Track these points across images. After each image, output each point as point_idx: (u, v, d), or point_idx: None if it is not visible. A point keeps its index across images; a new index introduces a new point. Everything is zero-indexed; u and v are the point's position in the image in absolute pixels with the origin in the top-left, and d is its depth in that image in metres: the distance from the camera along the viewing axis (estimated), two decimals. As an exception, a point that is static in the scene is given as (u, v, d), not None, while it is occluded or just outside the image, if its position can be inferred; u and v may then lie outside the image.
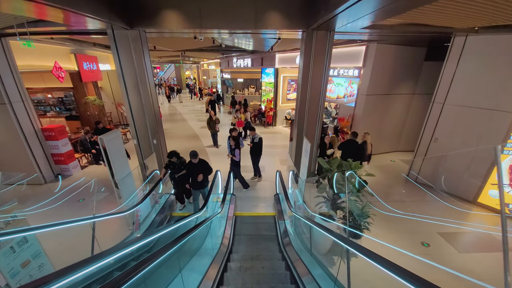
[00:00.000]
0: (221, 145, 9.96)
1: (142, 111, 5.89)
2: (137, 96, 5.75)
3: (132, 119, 5.90)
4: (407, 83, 8.65)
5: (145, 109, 5.88)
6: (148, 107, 5.89)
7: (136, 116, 5.90)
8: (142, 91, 5.71)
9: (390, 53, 7.79)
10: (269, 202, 5.91)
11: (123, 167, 4.46)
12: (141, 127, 6.03)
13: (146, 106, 5.87)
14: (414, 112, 9.18)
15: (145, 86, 5.71)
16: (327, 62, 5.63)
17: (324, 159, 4.26)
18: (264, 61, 13.95)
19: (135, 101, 5.78)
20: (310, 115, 6.07)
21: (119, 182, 4.22)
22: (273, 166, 8.13)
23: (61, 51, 8.30)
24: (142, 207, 4.33)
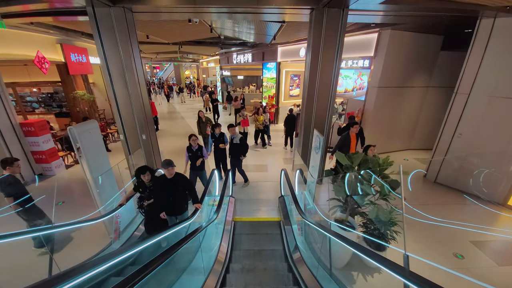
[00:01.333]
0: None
1: (129, 102, 5.19)
2: (123, 86, 5.05)
3: (118, 111, 5.21)
4: (421, 75, 7.95)
5: (132, 100, 5.19)
6: (136, 98, 5.20)
7: (122, 108, 5.20)
8: (128, 80, 5.02)
9: (404, 41, 7.10)
10: (273, 205, 5.21)
11: (101, 164, 3.77)
12: (128, 121, 5.33)
13: (134, 97, 5.18)
14: (428, 107, 8.48)
15: (132, 75, 5.02)
16: (339, 46, 4.95)
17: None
18: (265, 55, 13.28)
19: (121, 91, 5.08)
20: (319, 107, 5.38)
21: (96, 182, 3.52)
22: (276, 165, 7.43)
23: (45, 40, 7.63)
24: (123, 213, 3.63)
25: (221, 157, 5.88)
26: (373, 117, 7.81)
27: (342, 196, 3.29)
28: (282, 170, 4.95)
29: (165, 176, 3.40)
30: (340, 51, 5.05)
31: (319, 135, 3.81)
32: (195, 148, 4.97)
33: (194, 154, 5.00)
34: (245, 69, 19.82)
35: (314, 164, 3.99)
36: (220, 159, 5.91)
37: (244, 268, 3.20)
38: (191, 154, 5.00)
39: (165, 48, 14.26)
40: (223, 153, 5.80)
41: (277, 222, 4.61)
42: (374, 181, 2.58)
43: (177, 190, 3.47)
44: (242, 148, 5.63)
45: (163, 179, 3.44)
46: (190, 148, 5.01)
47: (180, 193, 3.54)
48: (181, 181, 3.49)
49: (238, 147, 5.58)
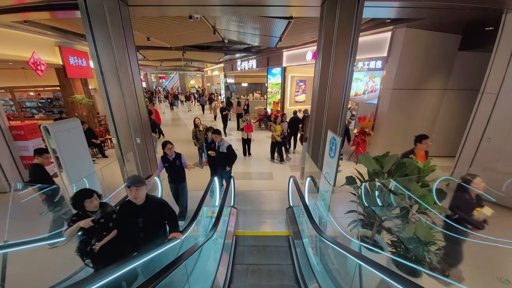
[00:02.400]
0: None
1: (123, 103, 4.76)
2: (116, 85, 4.63)
3: (110, 112, 4.77)
4: (438, 77, 7.42)
5: (126, 101, 4.76)
6: (130, 99, 4.77)
7: (115, 109, 4.77)
8: (122, 79, 4.61)
9: (420, 39, 6.62)
10: (280, 217, 4.62)
11: (83, 170, 3.27)
12: (122, 123, 4.88)
13: (128, 97, 4.75)
14: (446, 111, 7.90)
15: (126, 73, 4.61)
16: (354, 42, 4.49)
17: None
18: (270, 61, 12.97)
19: (114, 91, 4.66)
20: (331, 109, 4.90)
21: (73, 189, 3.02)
22: (282, 172, 6.86)
23: (43, 42, 7.37)
24: None
25: (213, 165, 5.32)
26: (387, 121, 7.25)
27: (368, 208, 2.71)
28: (291, 178, 4.38)
29: (130, 203, 2.37)
30: (354, 48, 4.59)
31: (335, 136, 3.27)
32: (171, 157, 4.23)
33: (172, 164, 4.26)
34: (249, 76, 19.61)
35: (329, 170, 3.43)
36: (212, 166, 5.37)
37: None
38: (168, 164, 4.26)
39: (168, 55, 14.08)
40: (215, 163, 5.20)
41: (285, 237, 4.01)
42: (414, 191, 2.02)
43: (150, 222, 2.42)
44: (229, 158, 4.93)
45: (127, 207, 2.43)
46: (165, 157, 4.25)
47: (154, 226, 2.48)
48: (154, 210, 2.43)
49: (224, 157, 4.89)
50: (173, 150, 4.31)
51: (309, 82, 12.75)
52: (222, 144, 4.86)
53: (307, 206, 3.11)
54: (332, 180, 3.25)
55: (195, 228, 3.68)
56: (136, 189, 2.28)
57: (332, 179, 3.30)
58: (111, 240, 2.37)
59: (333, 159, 3.40)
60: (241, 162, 7.80)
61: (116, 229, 2.43)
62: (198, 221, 3.45)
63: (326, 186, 3.53)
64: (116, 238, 2.41)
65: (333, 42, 4.60)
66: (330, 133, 3.54)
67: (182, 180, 4.47)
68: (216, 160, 5.01)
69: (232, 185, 4.77)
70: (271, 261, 3.43)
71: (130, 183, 2.28)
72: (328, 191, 3.49)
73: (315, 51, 9.51)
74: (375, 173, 2.25)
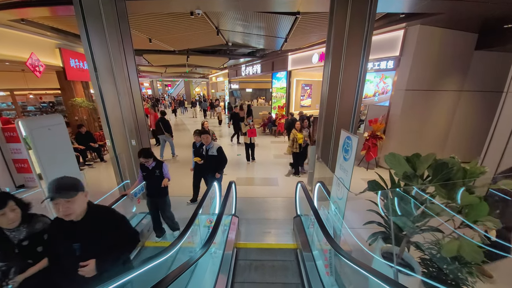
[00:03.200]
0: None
1: (118, 102, 4.46)
2: (110, 83, 4.35)
3: (104, 112, 4.47)
4: (453, 77, 6.98)
5: (121, 100, 4.45)
6: (125, 98, 4.46)
7: (109, 108, 4.47)
8: (117, 77, 4.32)
9: (434, 37, 6.24)
10: (286, 227, 4.16)
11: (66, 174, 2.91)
12: (116, 123, 4.57)
13: (123, 96, 4.44)
14: (461, 114, 7.41)
15: (121, 71, 4.32)
16: (367, 38, 4.16)
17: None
18: (275, 65, 12.72)
19: (109, 89, 4.38)
20: (342, 112, 4.52)
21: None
22: (288, 178, 6.42)
23: (43, 43, 7.22)
24: None
25: (200, 173, 4.82)
26: (400, 124, 6.79)
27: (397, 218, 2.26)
28: (298, 183, 3.95)
29: (60, 220, 1.57)
30: (368, 44, 4.28)
31: (350, 136, 2.87)
32: (151, 166, 3.52)
33: (150, 173, 3.52)
34: (253, 81, 19.44)
35: (343, 175, 3.00)
36: (198, 175, 4.87)
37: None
38: (146, 173, 3.56)
39: (172, 60, 13.98)
40: (203, 169, 4.67)
41: (292, 250, 3.55)
42: (462, 198, 1.59)
43: (92, 247, 1.57)
44: (219, 161, 4.40)
45: (58, 225, 1.61)
46: (143, 165, 3.54)
47: (98, 251, 1.58)
48: (99, 227, 1.60)
49: (215, 161, 4.38)
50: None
51: (314, 86, 12.42)
52: (212, 147, 4.38)
53: (319, 215, 2.68)
54: (347, 185, 2.82)
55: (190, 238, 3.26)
56: (65, 201, 1.44)
57: (348, 183, 2.87)
58: (40, 273, 1.65)
59: (348, 162, 2.98)
60: (244, 167, 7.40)
61: (48, 256, 1.68)
62: (194, 231, 3.04)
63: (339, 192, 3.09)
64: (48, 269, 1.66)
65: (345, 39, 4.27)
66: (345, 132, 3.13)
67: (163, 193, 3.65)
68: (205, 166, 4.49)
69: (234, 191, 4.35)
70: (276, 279, 2.98)
71: (52, 192, 1.42)
72: (342, 198, 3.05)
73: (322, 52, 9.28)
74: (406, 177, 1.82)
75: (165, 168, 3.60)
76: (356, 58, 4.32)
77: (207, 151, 4.42)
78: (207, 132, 4.38)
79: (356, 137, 2.76)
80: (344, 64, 4.39)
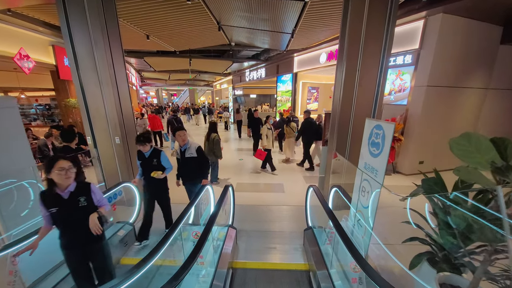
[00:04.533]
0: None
1: (100, 93, 3.89)
2: (91, 70, 3.79)
3: (84, 103, 3.90)
4: (478, 74, 6.28)
5: (104, 91, 3.88)
6: (108, 89, 3.89)
7: (90, 99, 3.90)
8: (99, 63, 3.76)
9: (458, 28, 5.61)
10: (294, 242, 3.41)
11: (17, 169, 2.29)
12: (98, 117, 3.98)
13: (106, 87, 3.87)
14: (488, 113, 6.68)
15: (104, 57, 3.76)
16: (389, 29, 3.57)
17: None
18: (280, 68, 12.23)
19: (89, 77, 3.82)
20: (359, 114, 3.87)
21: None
22: (295, 184, 5.70)
23: (35, 39, 6.84)
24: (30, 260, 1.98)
25: (156, 195, 3.38)
26: (420, 124, 6.05)
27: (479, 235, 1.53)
28: (310, 188, 3.22)
29: None
30: (390, 36, 3.67)
31: (381, 124, 2.20)
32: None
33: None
34: (257, 87, 19.03)
35: (372, 175, 2.30)
36: (151, 199, 3.35)
37: None
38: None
39: (175, 64, 13.66)
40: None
41: (303, 272, 2.80)
42: None
43: None
44: (201, 165, 3.47)
45: None
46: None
47: None
48: None
49: (195, 163, 3.43)
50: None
51: (322, 89, 11.82)
52: (189, 147, 3.42)
53: (343, 229, 1.97)
54: (378, 189, 2.12)
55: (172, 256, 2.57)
56: None
57: (379, 185, 2.16)
58: None
59: (378, 158, 2.29)
60: (247, 172, 6.70)
61: None
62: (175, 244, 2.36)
63: (364, 199, 2.38)
64: None
65: (363, 26, 3.65)
66: (371, 121, 2.46)
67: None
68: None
69: (231, 197, 3.65)
70: None
71: None
72: (369, 207, 2.34)
73: (330, 51, 8.71)
74: (497, 170, 1.12)
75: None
76: (376, 47, 3.70)
77: (183, 153, 3.43)
78: (183, 128, 3.49)
79: (390, 124, 2.08)
80: (362, 57, 3.76)
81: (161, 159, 3.13)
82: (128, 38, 7.67)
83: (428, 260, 1.94)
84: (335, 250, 2.46)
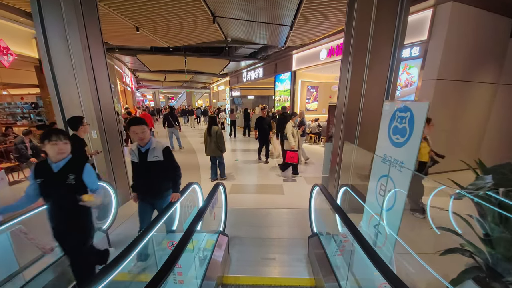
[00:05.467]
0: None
1: (73, 77, 3.41)
2: (63, 53, 3.32)
3: (54, 88, 3.41)
4: (488, 68, 5.92)
5: (78, 76, 3.40)
6: (82, 74, 3.41)
7: (62, 85, 3.42)
8: (71, 43, 3.29)
9: (469, 18, 5.26)
10: (297, 252, 2.90)
11: None
12: (71, 106, 3.50)
13: (79, 71, 3.40)
14: (499, 111, 6.27)
15: (76, 35, 3.29)
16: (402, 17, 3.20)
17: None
18: (278, 67, 11.86)
19: (61, 59, 3.35)
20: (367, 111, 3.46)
21: None
22: (295, 185, 5.22)
23: (17, 31, 6.36)
24: None
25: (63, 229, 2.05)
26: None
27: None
28: (316, 187, 2.72)
29: None
30: (404, 24, 3.31)
31: (408, 105, 1.77)
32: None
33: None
34: (255, 88, 18.68)
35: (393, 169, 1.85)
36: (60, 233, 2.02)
37: None
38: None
39: (170, 62, 13.23)
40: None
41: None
42: None
43: None
44: (167, 171, 2.50)
45: None
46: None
47: None
48: None
49: (161, 170, 2.44)
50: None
51: (321, 88, 11.44)
52: (153, 148, 2.39)
53: (363, 237, 1.49)
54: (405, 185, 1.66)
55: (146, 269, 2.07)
56: None
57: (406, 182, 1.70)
58: None
59: (404, 147, 1.83)
60: (244, 172, 6.21)
61: None
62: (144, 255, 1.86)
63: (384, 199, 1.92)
64: None
65: (373, 12, 3.26)
66: (391, 103, 2.02)
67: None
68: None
69: (223, 198, 3.15)
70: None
71: None
72: (392, 209, 1.87)
73: (331, 47, 8.32)
74: None
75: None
76: (387, 41, 3.34)
77: (143, 156, 2.37)
78: (142, 122, 2.32)
79: (422, 103, 1.64)
80: (371, 48, 3.36)
81: (83, 176, 1.90)
82: (116, 31, 7.23)
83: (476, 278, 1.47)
84: (348, 261, 1.98)
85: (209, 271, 2.15)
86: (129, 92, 17.38)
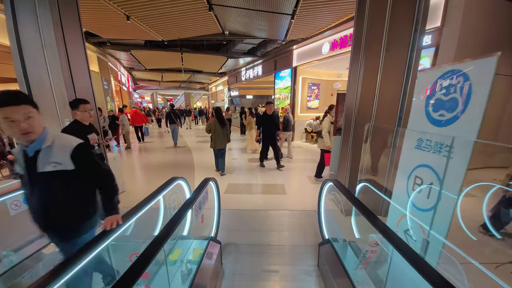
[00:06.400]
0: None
1: (43, 57, 2.93)
2: (32, 30, 2.85)
3: (21, 70, 2.93)
4: (504, 59, 5.46)
5: (48, 55, 2.93)
6: (52, 52, 2.93)
7: (31, 67, 2.94)
8: (40, 18, 2.82)
9: (484, 5, 4.86)
10: (304, 262, 2.42)
11: None
12: (42, 91, 3.01)
13: (49, 50, 2.92)
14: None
15: (46, 8, 2.83)
16: None
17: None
18: (278, 63, 11.45)
19: (29, 35, 2.88)
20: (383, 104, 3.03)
21: None
22: (298, 185, 4.74)
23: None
24: None
25: None
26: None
27: None
28: (328, 183, 2.24)
29: None
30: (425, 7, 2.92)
31: (462, 68, 1.29)
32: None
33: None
34: (254, 87, 18.27)
35: (433, 157, 1.37)
36: None
37: None
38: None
39: (165, 58, 12.78)
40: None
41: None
42: None
43: None
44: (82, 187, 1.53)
45: None
46: None
47: None
48: None
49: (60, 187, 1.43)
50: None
51: (323, 86, 11.02)
52: (49, 146, 1.36)
53: (409, 247, 1.02)
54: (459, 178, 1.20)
55: None
56: None
57: (460, 180, 1.23)
58: None
59: (455, 124, 1.37)
60: (242, 172, 5.72)
61: None
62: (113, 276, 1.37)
63: (421, 198, 1.45)
64: None
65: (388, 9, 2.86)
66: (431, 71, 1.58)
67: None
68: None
69: (216, 197, 2.66)
70: None
71: None
72: (434, 208, 1.40)
73: (334, 40, 7.87)
74: None
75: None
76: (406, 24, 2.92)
77: (30, 162, 1.36)
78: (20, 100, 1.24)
79: (493, 57, 1.19)
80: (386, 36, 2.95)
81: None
82: (106, 20, 6.77)
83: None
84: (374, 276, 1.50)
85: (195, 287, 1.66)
86: (125, 92, 16.90)
